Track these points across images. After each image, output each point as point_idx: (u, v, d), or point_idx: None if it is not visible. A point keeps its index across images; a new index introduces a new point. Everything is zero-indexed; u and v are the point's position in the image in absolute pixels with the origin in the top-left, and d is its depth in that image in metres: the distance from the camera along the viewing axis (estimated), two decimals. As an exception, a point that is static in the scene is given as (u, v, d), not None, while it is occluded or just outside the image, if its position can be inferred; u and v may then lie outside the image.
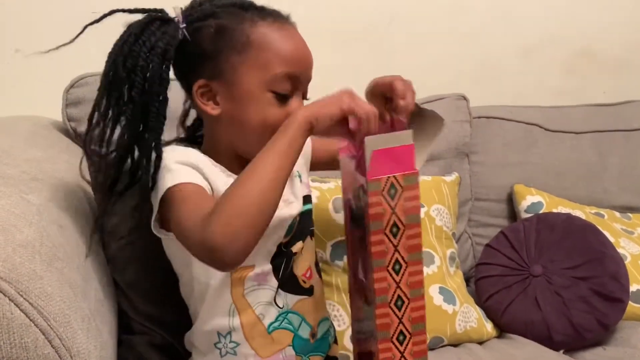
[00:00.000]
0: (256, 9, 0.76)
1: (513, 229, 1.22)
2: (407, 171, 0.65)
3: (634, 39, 1.72)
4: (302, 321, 0.80)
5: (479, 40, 1.56)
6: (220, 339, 0.77)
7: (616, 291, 1.08)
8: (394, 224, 0.66)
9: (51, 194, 0.77)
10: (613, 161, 1.49)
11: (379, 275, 0.67)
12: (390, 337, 0.68)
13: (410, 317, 0.68)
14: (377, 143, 0.64)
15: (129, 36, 0.72)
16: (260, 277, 0.76)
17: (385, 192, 0.65)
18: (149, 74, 0.71)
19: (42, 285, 0.58)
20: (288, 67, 0.73)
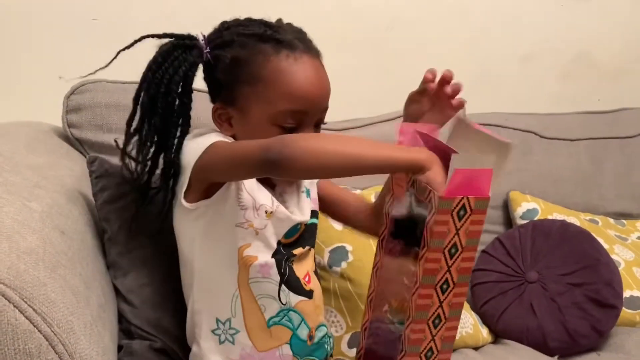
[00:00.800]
0: (276, 40, 0.78)
1: (509, 235, 1.23)
2: (481, 195, 0.64)
3: (629, 48, 1.74)
4: (302, 321, 0.81)
5: (477, 47, 1.58)
6: (219, 325, 0.79)
7: (610, 297, 1.09)
8: (454, 245, 0.65)
9: (53, 200, 0.78)
10: (608, 168, 1.51)
11: (425, 292, 0.66)
12: (419, 353, 0.68)
13: (443, 336, 0.68)
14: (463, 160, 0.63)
15: (154, 63, 0.78)
16: (265, 269, 0.78)
17: (454, 212, 0.63)
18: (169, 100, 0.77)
19: (45, 291, 0.59)
20: (293, 105, 0.76)
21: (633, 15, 1.72)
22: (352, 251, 1.06)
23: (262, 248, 0.78)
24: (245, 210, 0.77)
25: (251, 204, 0.77)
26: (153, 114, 0.78)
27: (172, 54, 0.77)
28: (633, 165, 1.53)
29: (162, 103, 0.77)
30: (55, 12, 1.21)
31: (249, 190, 0.77)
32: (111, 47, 1.28)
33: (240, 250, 0.77)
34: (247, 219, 0.77)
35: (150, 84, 0.77)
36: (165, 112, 0.78)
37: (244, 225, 0.77)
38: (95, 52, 1.21)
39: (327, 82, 0.80)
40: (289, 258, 0.81)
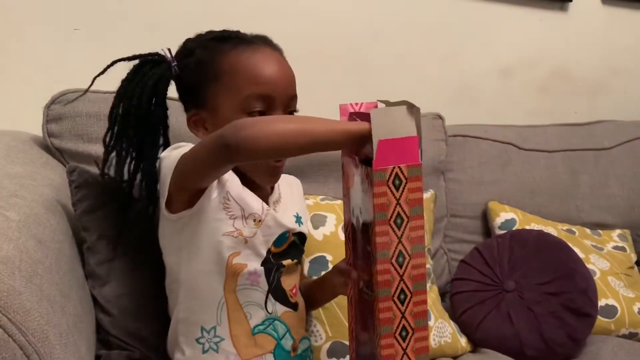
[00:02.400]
0: (234, 38, 0.82)
1: (487, 245, 1.25)
2: (412, 162, 0.65)
3: (604, 62, 1.78)
4: (287, 332, 0.82)
5: (457, 61, 1.60)
6: (204, 333, 0.79)
7: (585, 306, 1.11)
8: (398, 215, 0.65)
9: (31, 210, 0.78)
10: (584, 179, 1.54)
11: (382, 267, 0.66)
12: (394, 332, 0.67)
13: (413, 311, 0.67)
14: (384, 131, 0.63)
15: (125, 80, 0.82)
16: (253, 277, 0.79)
17: (390, 182, 0.65)
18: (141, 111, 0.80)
19: (21, 301, 0.59)
20: (257, 88, 0.79)
21: (608, 32, 1.77)
22: (332, 261, 1.06)
23: (252, 256, 0.79)
24: (234, 219, 0.78)
25: (240, 213, 0.78)
26: (127, 127, 0.81)
27: (141, 70, 0.82)
28: (608, 177, 1.56)
29: (135, 116, 0.80)
30: (37, 22, 1.21)
31: (237, 199, 0.78)
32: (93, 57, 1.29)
33: (230, 259, 0.78)
34: (236, 227, 0.78)
35: (122, 99, 0.81)
36: (139, 124, 0.81)
37: (234, 234, 0.78)
38: (77, 61, 1.22)
39: (289, 69, 0.83)
40: (279, 268, 0.82)
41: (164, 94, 0.82)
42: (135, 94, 0.80)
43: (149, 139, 0.82)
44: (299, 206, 0.92)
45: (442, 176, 1.41)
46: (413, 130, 0.65)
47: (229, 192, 0.78)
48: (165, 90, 0.83)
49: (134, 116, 0.80)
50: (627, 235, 1.49)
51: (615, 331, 1.22)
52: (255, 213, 0.79)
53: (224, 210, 0.78)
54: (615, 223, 1.52)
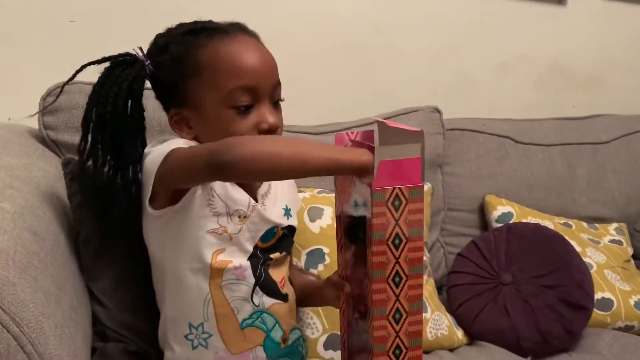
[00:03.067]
0: (208, 29, 0.79)
1: (484, 238, 1.25)
2: (413, 184, 0.64)
3: (602, 56, 1.78)
4: (275, 324, 0.81)
5: (455, 55, 1.60)
6: (192, 330, 0.78)
7: (582, 299, 1.11)
8: (397, 236, 0.65)
9: (26, 201, 0.77)
10: (581, 173, 1.54)
11: (378, 286, 0.66)
12: (387, 351, 0.67)
13: (408, 331, 0.67)
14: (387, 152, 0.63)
15: (97, 84, 0.79)
16: (239, 271, 0.78)
17: (389, 203, 0.64)
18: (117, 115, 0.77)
19: (15, 291, 0.58)
20: (240, 81, 0.76)
21: (606, 26, 1.76)
22: (328, 253, 1.06)
23: (237, 252, 0.79)
24: (218, 216, 0.77)
25: (224, 210, 0.77)
26: (103, 134, 0.78)
27: (113, 72, 0.78)
28: (605, 171, 1.56)
29: (110, 120, 0.77)
30: (33, 14, 1.20)
31: (222, 196, 0.77)
32: (89, 49, 1.28)
33: (214, 255, 0.77)
34: (220, 224, 0.77)
35: (96, 104, 0.78)
36: (116, 130, 0.78)
37: (218, 230, 0.77)
38: (72, 54, 1.21)
39: (269, 56, 0.80)
40: (266, 261, 0.81)
41: (139, 95, 0.79)
42: (110, 98, 0.77)
43: (127, 144, 0.79)
44: (289, 197, 0.90)
45: (440, 169, 1.40)
46: (417, 152, 0.64)
47: (213, 189, 0.76)
48: (141, 91, 0.79)
49: (110, 122, 0.77)
50: (623, 229, 1.49)
51: (611, 324, 1.22)
52: (240, 209, 0.78)
53: (208, 207, 0.76)
54: (612, 217, 1.52)
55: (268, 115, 0.78)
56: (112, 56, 0.80)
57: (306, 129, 1.25)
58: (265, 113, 0.78)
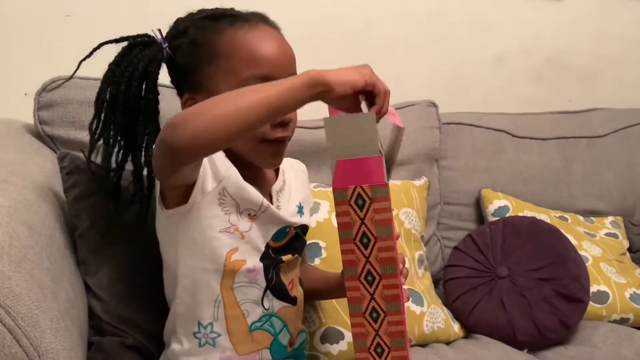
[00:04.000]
0: (229, 15, 0.78)
1: (480, 232, 1.26)
2: (376, 182, 0.62)
3: (598, 50, 1.78)
4: (284, 327, 0.81)
5: (451, 49, 1.60)
6: (200, 329, 0.77)
7: (577, 292, 1.12)
8: (364, 235, 0.63)
9: (21, 196, 0.77)
10: (577, 167, 1.54)
11: (350, 284, 0.65)
12: (368, 348, 0.66)
13: (388, 331, 0.65)
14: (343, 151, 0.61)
15: (113, 63, 0.78)
16: (252, 274, 0.78)
17: (352, 202, 0.62)
18: (130, 96, 0.76)
19: (10, 285, 0.59)
20: (256, 69, 0.75)
21: (602, 19, 1.76)
22: (325, 247, 1.07)
23: (250, 251, 0.77)
24: (229, 215, 0.76)
25: (235, 208, 0.76)
26: (115, 114, 0.77)
27: (130, 52, 0.78)
28: (601, 164, 1.56)
29: (123, 100, 0.77)
30: (28, 8, 1.20)
31: (233, 194, 0.76)
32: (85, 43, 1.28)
33: (228, 256, 0.76)
34: (232, 223, 0.76)
35: (110, 83, 0.78)
36: (128, 109, 0.77)
37: (230, 229, 0.76)
38: (68, 48, 1.21)
39: (289, 47, 0.79)
40: (277, 264, 0.80)
41: (155, 77, 0.78)
42: (124, 78, 0.76)
43: (139, 127, 0.79)
44: (303, 194, 0.89)
45: (436, 163, 1.41)
46: (376, 149, 0.61)
47: (226, 188, 0.75)
48: (157, 74, 0.78)
49: (123, 102, 0.77)
50: (619, 222, 1.49)
51: (606, 317, 1.23)
52: (250, 209, 0.77)
53: (220, 207, 0.75)
54: (608, 210, 1.53)
55: None
56: (130, 36, 0.79)
57: (302, 123, 1.24)
58: None
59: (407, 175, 1.30)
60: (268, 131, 0.76)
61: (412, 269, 1.15)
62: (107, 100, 0.78)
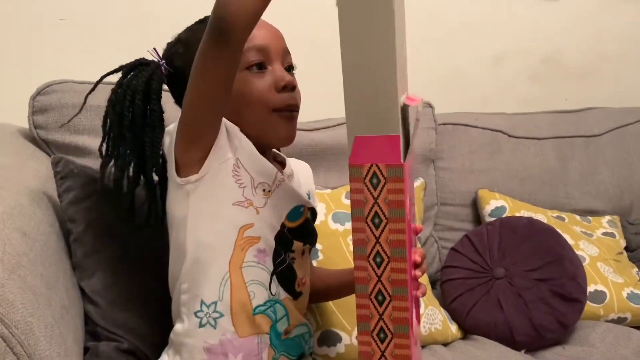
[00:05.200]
0: None
1: (477, 232, 1.25)
2: (392, 162, 0.61)
3: (594, 49, 1.78)
4: (285, 316, 0.80)
5: (447, 49, 1.60)
6: (203, 307, 0.76)
7: (574, 292, 1.12)
8: (376, 215, 0.63)
9: (15, 201, 0.77)
10: (574, 166, 1.54)
11: (358, 263, 0.64)
12: (370, 332, 0.65)
13: (392, 316, 0.64)
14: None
15: (115, 85, 0.82)
16: (261, 255, 0.77)
17: (367, 180, 0.62)
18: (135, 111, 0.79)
19: (3, 292, 0.58)
20: (251, 41, 0.76)
21: (598, 19, 1.77)
22: (322, 250, 1.07)
23: (265, 229, 0.77)
24: (243, 188, 0.76)
25: (250, 182, 0.76)
26: (122, 129, 0.80)
27: (129, 73, 0.82)
28: (598, 163, 1.56)
29: (129, 117, 0.79)
30: (22, 12, 1.19)
31: (248, 167, 0.76)
32: (79, 47, 1.28)
33: (242, 231, 0.76)
34: (246, 197, 0.76)
35: (115, 104, 0.80)
36: (135, 123, 0.79)
37: (244, 204, 0.76)
38: (62, 52, 1.21)
39: (278, 30, 0.82)
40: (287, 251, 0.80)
41: (157, 90, 0.80)
42: (127, 95, 0.79)
43: (147, 138, 0.80)
44: (310, 187, 0.92)
45: (432, 164, 1.41)
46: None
47: (239, 160, 0.76)
48: (160, 88, 0.81)
49: (129, 118, 0.79)
50: (616, 222, 1.49)
51: (604, 316, 1.23)
52: (265, 182, 0.77)
53: (233, 178, 0.75)
54: (605, 209, 1.53)
55: (283, 73, 0.79)
56: (127, 64, 0.83)
57: (299, 125, 1.24)
58: (280, 71, 0.79)
59: (403, 177, 1.30)
60: (276, 99, 0.78)
61: (409, 270, 1.15)
62: (115, 119, 0.80)
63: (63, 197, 0.89)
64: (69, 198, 0.88)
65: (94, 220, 0.88)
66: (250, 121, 0.78)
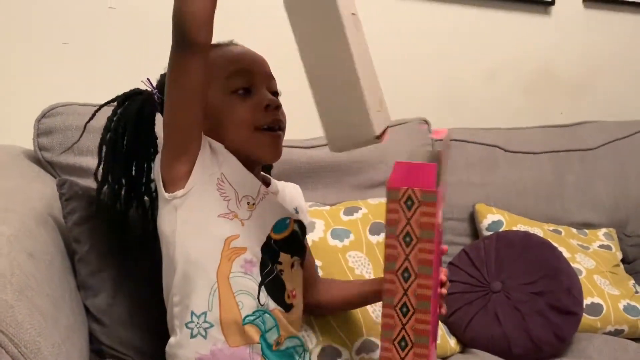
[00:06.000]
0: None
1: (474, 247, 1.27)
2: (426, 188, 0.68)
3: (587, 63, 1.81)
4: (274, 326, 0.82)
5: (442, 65, 1.63)
6: (193, 318, 0.78)
7: (571, 305, 1.13)
8: (407, 234, 0.69)
9: (22, 223, 0.79)
10: (570, 180, 1.56)
11: (388, 276, 0.71)
12: (392, 340, 0.71)
13: (414, 327, 0.70)
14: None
15: (111, 114, 0.87)
16: (248, 265, 0.80)
17: (402, 202, 0.69)
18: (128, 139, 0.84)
19: (13, 314, 0.60)
20: (235, 65, 0.82)
21: (590, 33, 1.80)
22: (322, 266, 1.08)
23: (251, 240, 0.80)
24: (228, 201, 0.79)
25: (234, 195, 0.80)
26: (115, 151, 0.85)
27: (123, 103, 0.87)
28: (593, 177, 1.58)
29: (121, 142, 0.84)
30: (26, 36, 1.22)
31: (232, 181, 0.80)
32: (82, 70, 1.31)
33: (227, 242, 0.78)
34: (230, 209, 0.79)
35: (109, 130, 0.86)
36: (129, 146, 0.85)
37: (229, 215, 0.79)
38: (66, 75, 1.24)
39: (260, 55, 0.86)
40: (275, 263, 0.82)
41: (150, 119, 0.85)
42: (121, 123, 0.84)
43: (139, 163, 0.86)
44: (299, 203, 0.94)
45: (429, 180, 1.43)
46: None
47: (224, 174, 0.79)
48: (151, 116, 0.85)
49: (121, 145, 0.84)
50: (612, 234, 1.51)
51: (601, 329, 1.24)
52: (249, 195, 0.80)
53: (218, 191, 0.79)
54: (601, 222, 1.55)
55: (267, 94, 0.83)
56: (123, 93, 0.88)
57: (295, 142, 1.27)
58: (264, 93, 0.83)
59: (401, 192, 1.32)
60: (259, 117, 0.81)
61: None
62: (108, 146, 0.86)
63: (68, 218, 0.91)
64: (73, 219, 0.90)
65: (98, 240, 0.90)
66: (236, 140, 0.82)
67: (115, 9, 1.27)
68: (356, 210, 1.21)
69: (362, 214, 1.20)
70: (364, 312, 1.05)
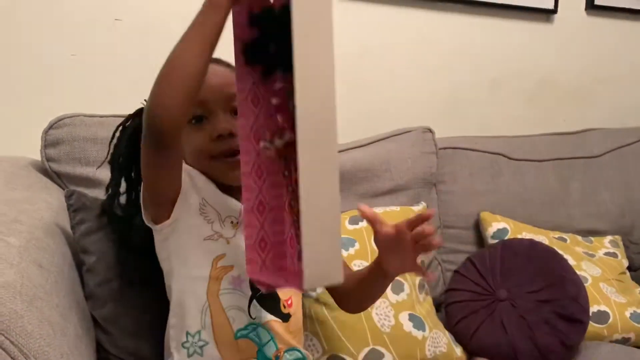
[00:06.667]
0: None
1: (479, 255, 1.27)
2: None
3: (589, 71, 1.82)
4: (270, 340, 0.83)
5: (445, 75, 1.63)
6: (189, 338, 0.81)
7: (577, 313, 1.13)
8: None
9: (31, 234, 0.80)
10: (575, 187, 1.56)
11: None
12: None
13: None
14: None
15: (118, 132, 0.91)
16: (237, 281, 0.82)
17: None
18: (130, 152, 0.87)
19: (22, 324, 0.61)
20: None
21: (593, 41, 1.80)
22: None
23: (237, 257, 0.81)
24: (211, 223, 0.82)
25: (217, 217, 0.82)
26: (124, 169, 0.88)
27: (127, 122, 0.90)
28: (598, 184, 1.58)
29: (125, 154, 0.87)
30: (34, 48, 1.24)
31: (213, 204, 0.83)
32: (90, 82, 1.32)
33: (214, 263, 0.81)
34: (215, 230, 0.82)
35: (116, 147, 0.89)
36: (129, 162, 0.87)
37: (214, 237, 0.82)
38: (74, 87, 1.25)
39: (222, 71, 0.83)
40: None
41: None
42: (124, 138, 0.88)
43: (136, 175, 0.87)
44: None
45: (434, 188, 1.43)
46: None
47: (205, 199, 0.82)
48: None
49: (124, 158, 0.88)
50: (618, 241, 1.51)
51: (608, 337, 1.24)
52: (232, 216, 0.83)
53: (201, 216, 0.82)
54: (607, 229, 1.54)
55: (218, 123, 0.82)
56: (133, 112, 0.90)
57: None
58: (216, 122, 0.82)
59: (405, 201, 1.33)
60: (212, 148, 0.82)
61: (413, 294, 1.17)
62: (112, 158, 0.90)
63: (76, 229, 0.92)
64: (81, 230, 0.91)
65: (105, 251, 0.91)
66: (199, 168, 0.84)
67: (122, 21, 1.29)
68: (361, 219, 1.21)
69: (367, 223, 1.20)
70: (370, 321, 1.06)
